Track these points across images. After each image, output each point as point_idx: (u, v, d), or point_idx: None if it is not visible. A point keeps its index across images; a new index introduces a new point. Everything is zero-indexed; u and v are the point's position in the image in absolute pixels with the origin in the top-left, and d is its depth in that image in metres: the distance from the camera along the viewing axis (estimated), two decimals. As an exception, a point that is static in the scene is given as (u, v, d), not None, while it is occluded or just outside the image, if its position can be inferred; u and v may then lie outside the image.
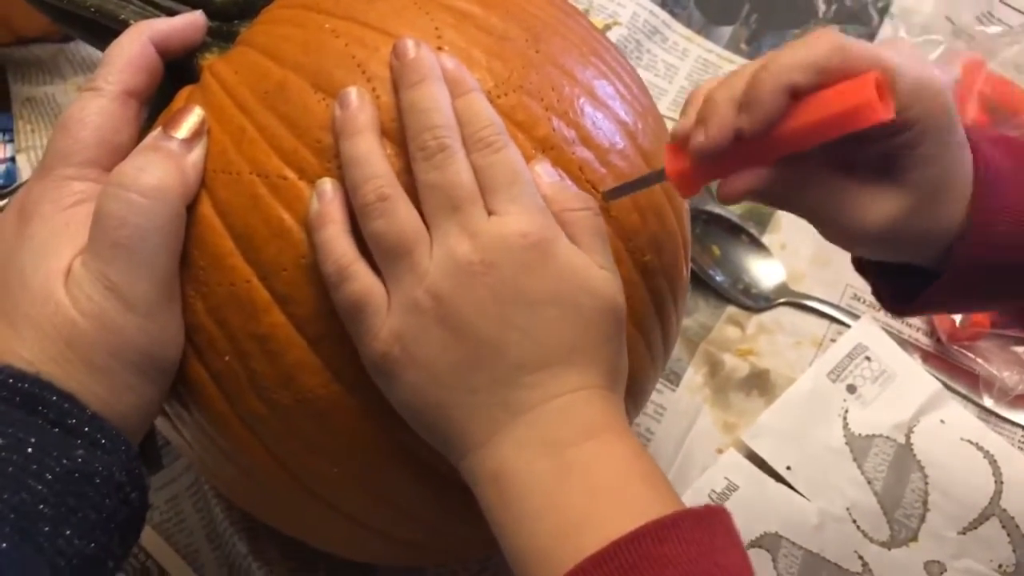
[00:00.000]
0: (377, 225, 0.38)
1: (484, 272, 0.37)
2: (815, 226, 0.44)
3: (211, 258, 0.40)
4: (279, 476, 0.42)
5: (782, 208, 0.43)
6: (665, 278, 0.45)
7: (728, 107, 0.39)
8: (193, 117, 0.40)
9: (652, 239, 0.44)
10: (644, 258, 0.44)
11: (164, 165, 0.39)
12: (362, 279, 0.38)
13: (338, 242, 0.38)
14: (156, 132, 0.40)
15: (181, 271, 0.40)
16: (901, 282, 0.46)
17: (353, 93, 0.39)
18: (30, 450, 0.34)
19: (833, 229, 0.43)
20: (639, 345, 0.45)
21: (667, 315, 0.47)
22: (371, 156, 0.38)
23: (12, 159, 0.72)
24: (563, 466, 0.36)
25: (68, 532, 0.34)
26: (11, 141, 0.73)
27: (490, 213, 0.38)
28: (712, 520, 0.35)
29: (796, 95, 0.38)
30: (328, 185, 0.39)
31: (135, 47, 0.41)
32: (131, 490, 0.37)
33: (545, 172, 0.40)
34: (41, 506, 0.34)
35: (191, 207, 0.40)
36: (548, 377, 0.37)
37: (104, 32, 0.45)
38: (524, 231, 0.38)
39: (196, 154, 0.40)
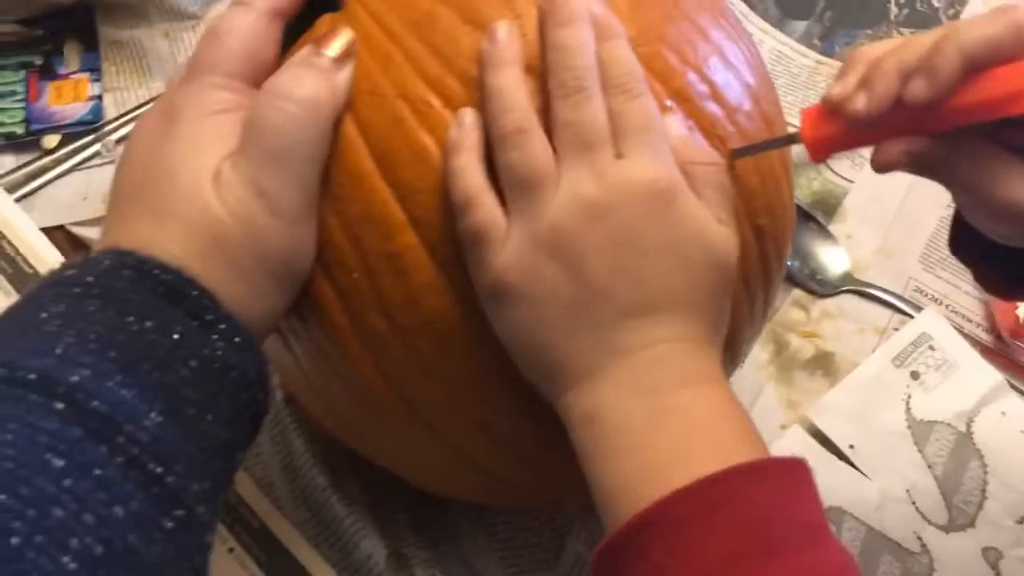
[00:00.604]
0: (511, 156, 0.39)
1: (605, 213, 0.38)
2: (960, 199, 0.43)
3: (351, 176, 0.41)
4: (386, 396, 0.43)
5: (931, 177, 0.42)
6: (774, 244, 0.46)
7: (896, 76, 0.38)
8: (343, 37, 0.41)
9: (768, 204, 0.45)
10: (759, 221, 0.44)
11: (317, 80, 0.40)
12: (487, 209, 0.39)
13: (470, 171, 0.39)
14: (307, 49, 0.41)
15: (320, 190, 0.41)
16: (1009, 266, 0.46)
17: (503, 28, 0.40)
18: (176, 336, 0.35)
19: (981, 204, 0.42)
20: (744, 304, 0.46)
21: (771, 280, 0.48)
22: (513, 89, 0.39)
23: (99, 97, 0.74)
24: (657, 409, 0.37)
25: (210, 417, 0.35)
26: (98, 80, 0.74)
27: (620, 157, 0.39)
28: (797, 471, 0.37)
29: (971, 69, 0.37)
30: (470, 115, 0.40)
31: None
32: (259, 390, 0.38)
33: (675, 124, 0.41)
34: (188, 389, 0.35)
35: (335, 126, 0.41)
36: (651, 324, 0.38)
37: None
38: (650, 177, 0.38)
39: (345, 73, 0.41)
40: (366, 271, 0.41)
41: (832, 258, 0.72)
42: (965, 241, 0.49)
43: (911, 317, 0.69)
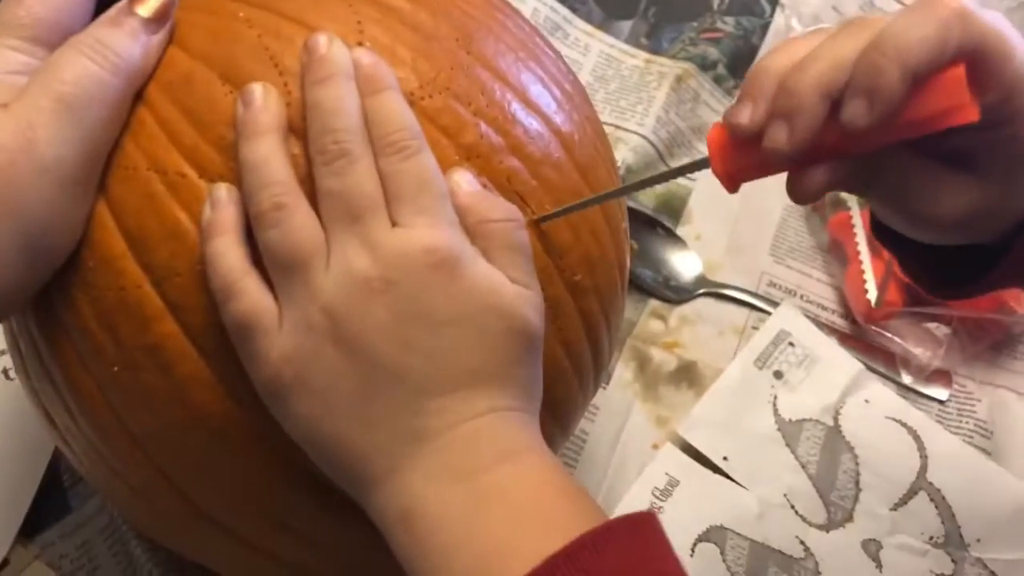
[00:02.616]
0: (271, 235, 0.35)
1: (383, 290, 0.35)
2: (886, 212, 0.40)
3: (101, 259, 0.37)
4: (171, 497, 0.40)
5: (858, 193, 0.39)
6: (598, 299, 0.43)
7: (818, 103, 0.34)
8: None
9: (585, 258, 0.42)
10: (575, 277, 0.41)
11: (125, 42, 0.36)
12: (250, 296, 0.35)
13: (227, 255, 0.35)
14: (120, 6, 0.37)
15: (71, 272, 0.37)
16: (943, 265, 0.43)
17: (258, 90, 0.36)
18: None
19: (907, 216, 0.40)
20: (566, 368, 0.43)
21: (598, 337, 0.45)
22: (270, 161, 0.35)
23: None
24: (478, 493, 0.34)
25: None
26: None
27: (395, 225, 0.35)
28: (645, 526, 0.34)
29: (914, 83, 0.33)
30: (223, 191, 0.36)
31: None
32: None
33: (465, 181, 0.38)
34: None
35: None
36: (453, 402, 0.35)
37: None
38: (429, 246, 0.35)
39: (159, 37, 0.37)
40: (126, 364, 0.37)
41: (684, 262, 0.71)
42: (887, 232, 0.45)
43: (768, 313, 0.69)
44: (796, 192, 0.37)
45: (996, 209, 0.39)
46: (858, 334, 0.69)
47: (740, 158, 0.37)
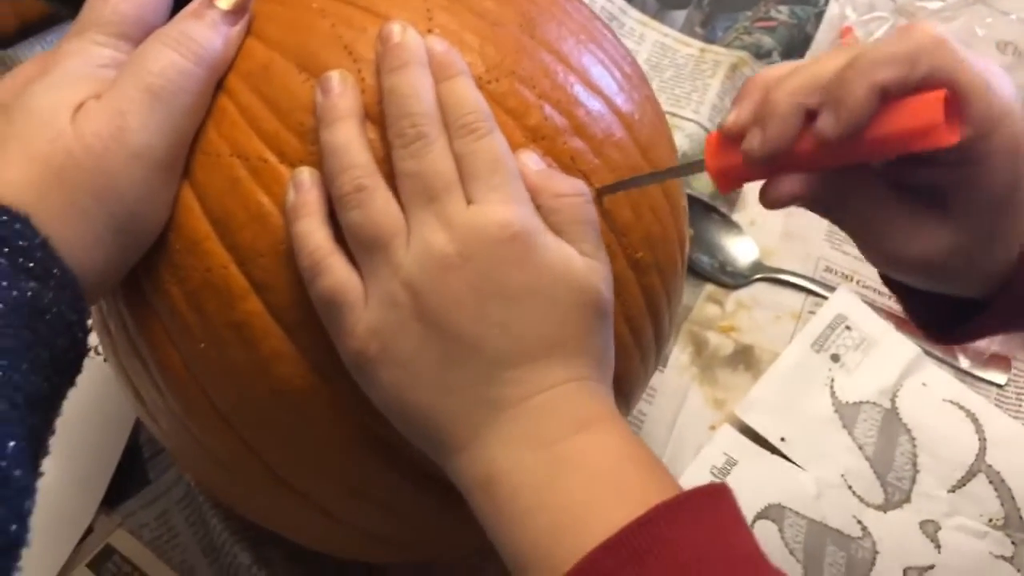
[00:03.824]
0: (353, 216, 0.37)
1: (460, 265, 0.36)
2: (855, 242, 0.41)
3: (187, 241, 0.38)
4: (253, 467, 0.41)
5: (825, 216, 0.40)
6: (659, 275, 0.44)
7: (790, 113, 0.36)
8: None
9: (646, 236, 0.43)
10: (637, 255, 0.43)
11: (207, 31, 0.38)
12: (336, 273, 0.37)
13: (313, 235, 0.37)
14: (200, 1, 0.39)
15: (158, 255, 0.39)
16: (936, 305, 0.43)
17: (335, 77, 0.38)
18: None
19: (874, 250, 0.41)
20: (629, 343, 0.44)
21: (659, 313, 0.46)
22: (350, 145, 0.37)
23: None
24: (554, 460, 0.35)
25: (25, 367, 0.32)
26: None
27: (470, 202, 0.37)
28: (718, 499, 0.35)
29: (883, 100, 0.35)
30: (306, 175, 0.38)
31: None
32: (79, 330, 0.35)
33: (532, 160, 0.39)
34: None
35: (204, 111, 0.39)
36: (530, 372, 0.36)
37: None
38: (503, 222, 0.36)
39: (238, 28, 0.39)
40: (213, 341, 0.39)
41: (740, 248, 0.72)
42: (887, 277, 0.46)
43: (824, 298, 0.69)
44: (764, 198, 0.39)
45: (972, 255, 0.39)
46: (915, 319, 0.69)
47: (728, 158, 0.38)
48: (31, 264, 0.33)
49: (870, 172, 0.38)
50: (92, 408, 0.56)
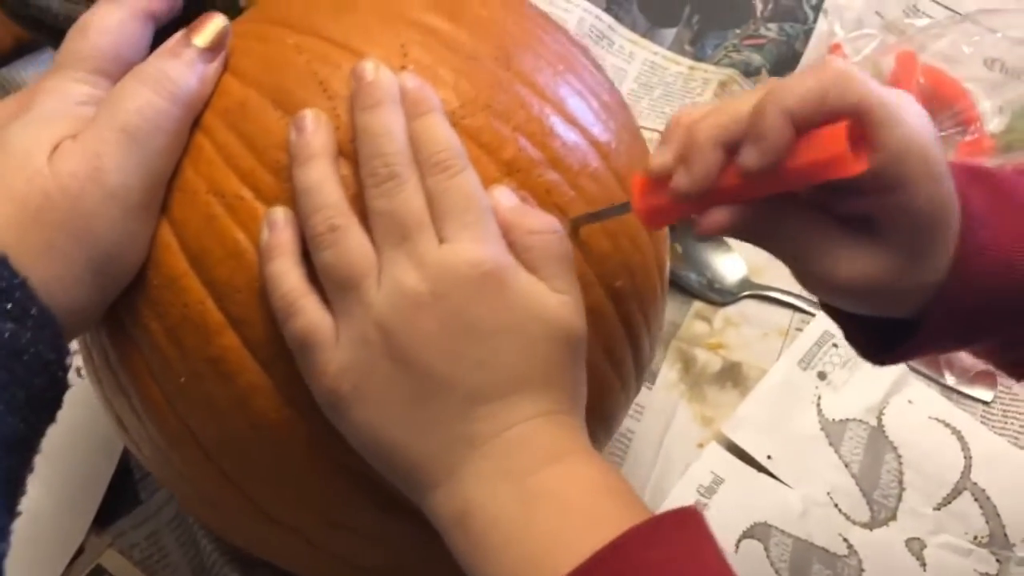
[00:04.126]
0: (326, 256, 0.37)
1: (432, 303, 0.36)
2: (790, 269, 0.42)
3: (165, 278, 0.39)
4: (235, 499, 0.42)
5: (758, 245, 0.41)
6: (637, 303, 0.45)
7: (711, 149, 0.37)
8: (214, 26, 0.40)
9: (624, 264, 0.43)
10: (615, 283, 0.43)
11: (183, 70, 0.38)
12: (308, 315, 0.37)
13: (286, 276, 0.37)
14: (178, 37, 0.39)
15: (137, 291, 0.39)
16: (872, 328, 0.44)
17: (309, 116, 0.38)
18: None
19: (807, 275, 0.41)
20: (608, 372, 0.44)
21: (639, 341, 0.46)
22: (323, 184, 0.37)
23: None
24: (528, 493, 0.36)
25: (0, 409, 0.32)
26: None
27: (442, 241, 0.37)
28: (690, 521, 0.35)
29: (797, 130, 0.36)
30: (279, 214, 0.38)
31: None
32: (58, 369, 0.35)
33: (505, 196, 0.39)
34: None
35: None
36: (502, 407, 0.37)
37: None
38: (474, 260, 0.37)
39: (214, 65, 0.40)
40: (192, 375, 0.39)
41: (728, 265, 0.72)
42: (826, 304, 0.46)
43: (812, 315, 0.70)
44: (696, 229, 0.39)
45: (900, 280, 0.39)
46: (902, 336, 0.70)
47: (655, 198, 0.39)
48: (9, 305, 0.33)
49: (798, 200, 0.39)
50: (83, 428, 0.56)
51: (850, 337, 0.46)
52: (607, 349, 0.43)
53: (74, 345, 0.41)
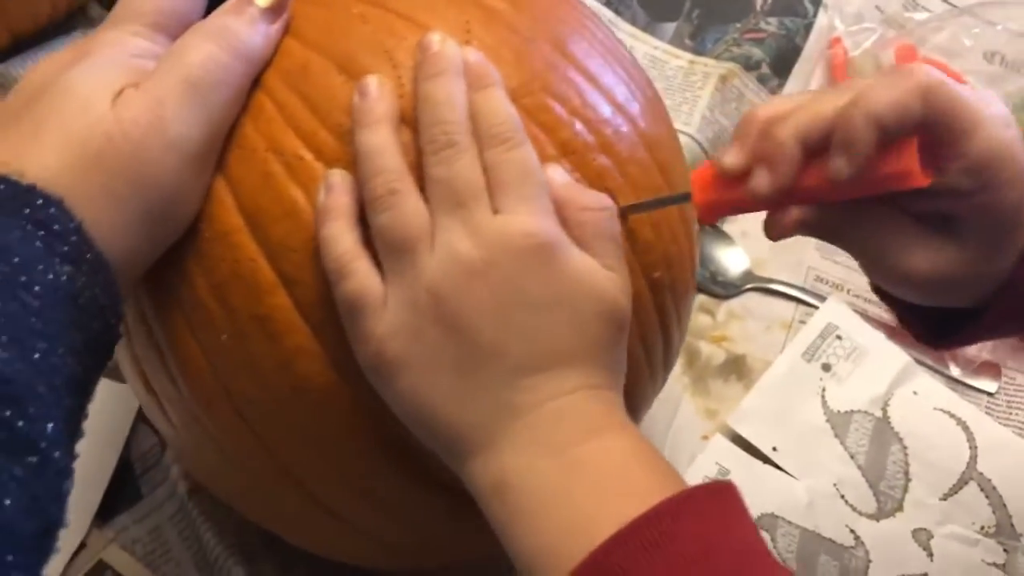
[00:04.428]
0: (383, 219, 0.37)
1: (484, 271, 0.37)
2: (861, 264, 0.43)
3: (218, 233, 0.39)
4: (264, 464, 0.41)
5: (830, 242, 0.41)
6: (672, 296, 0.45)
7: (797, 152, 0.38)
8: None
9: (664, 256, 0.44)
10: (655, 274, 0.43)
11: (246, 27, 0.38)
12: (360, 277, 0.37)
13: (341, 238, 0.37)
14: None
15: (186, 245, 0.39)
16: (929, 315, 0.45)
17: (373, 82, 0.39)
18: (16, 260, 0.31)
19: (881, 271, 0.42)
20: (640, 359, 0.44)
21: (670, 332, 0.46)
22: (384, 149, 0.38)
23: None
24: (566, 464, 0.36)
25: (61, 351, 0.32)
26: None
27: (497, 211, 0.37)
28: (724, 494, 0.36)
29: (884, 141, 0.37)
30: (337, 177, 0.38)
31: None
32: (111, 315, 0.35)
33: (559, 174, 0.40)
34: (33, 319, 0.31)
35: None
36: (546, 379, 0.37)
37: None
38: (528, 231, 0.37)
39: (277, 26, 0.40)
40: (235, 334, 0.39)
41: (731, 258, 0.72)
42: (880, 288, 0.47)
43: (815, 308, 0.70)
44: (771, 230, 0.40)
45: (975, 274, 0.41)
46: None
47: (722, 194, 0.40)
48: (65, 248, 0.33)
49: (871, 198, 0.39)
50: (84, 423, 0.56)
51: (905, 323, 0.47)
52: (642, 337, 0.43)
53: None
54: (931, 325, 0.45)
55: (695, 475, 0.61)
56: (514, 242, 0.37)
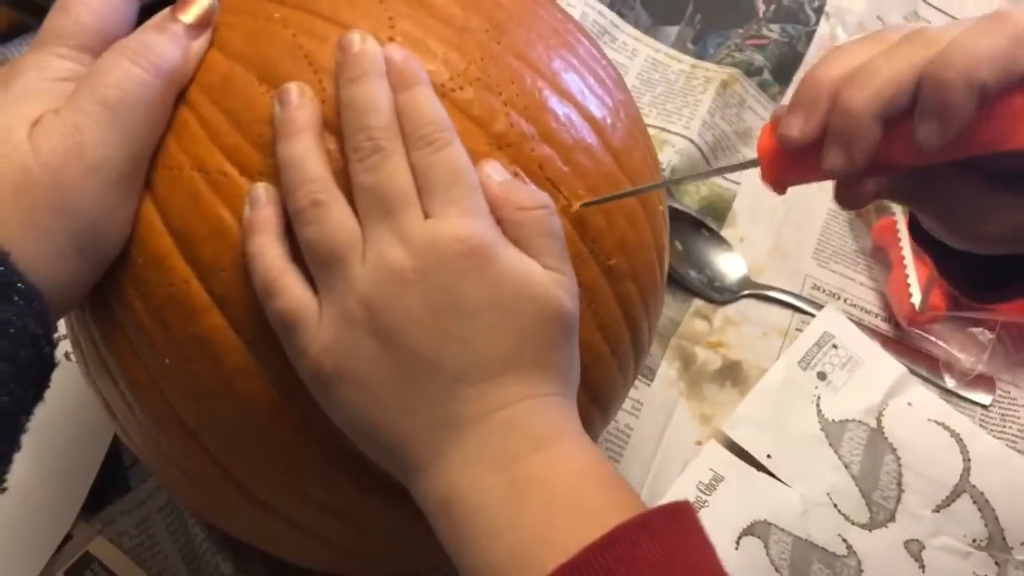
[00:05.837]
0: (309, 231, 0.36)
1: (417, 280, 0.35)
2: (938, 225, 0.40)
3: (150, 257, 0.38)
4: (223, 482, 0.41)
5: (905, 204, 0.39)
6: (635, 283, 0.44)
7: (872, 122, 0.34)
8: (200, 4, 0.39)
9: (620, 242, 0.42)
10: (610, 261, 0.42)
11: (168, 45, 0.37)
12: (291, 292, 0.36)
13: (266, 253, 0.36)
14: (164, 13, 0.38)
15: (122, 269, 0.38)
16: (970, 267, 0.43)
17: (294, 89, 0.37)
18: None
19: (954, 231, 0.40)
20: (604, 352, 0.43)
21: (637, 321, 0.45)
22: (307, 158, 0.36)
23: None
24: (515, 481, 0.34)
25: None
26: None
27: (428, 216, 0.36)
28: (681, 517, 0.34)
29: (983, 100, 0.33)
30: (260, 191, 0.37)
31: None
32: (45, 343, 0.34)
33: (495, 171, 0.38)
34: None
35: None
36: (490, 389, 0.35)
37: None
38: (460, 235, 0.35)
39: (200, 42, 0.39)
40: (177, 357, 0.38)
41: (728, 264, 0.72)
42: (924, 235, 0.44)
43: (812, 316, 0.69)
44: (845, 201, 0.38)
45: None
46: (901, 338, 0.70)
47: (790, 166, 0.37)
48: None
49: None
50: (72, 414, 0.55)
51: (945, 273, 0.46)
52: (602, 327, 0.42)
53: (61, 327, 0.41)
54: (972, 278, 0.44)
55: (689, 481, 0.61)
56: (446, 247, 0.35)
